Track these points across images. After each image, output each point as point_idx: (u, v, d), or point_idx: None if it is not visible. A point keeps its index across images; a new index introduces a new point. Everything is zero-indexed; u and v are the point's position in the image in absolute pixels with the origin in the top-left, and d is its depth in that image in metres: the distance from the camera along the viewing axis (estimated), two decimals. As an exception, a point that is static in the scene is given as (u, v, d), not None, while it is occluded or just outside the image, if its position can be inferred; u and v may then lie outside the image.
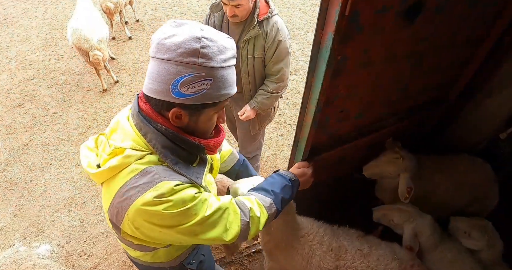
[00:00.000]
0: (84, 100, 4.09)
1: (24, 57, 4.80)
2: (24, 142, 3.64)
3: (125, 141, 0.91)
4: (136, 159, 0.89)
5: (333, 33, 0.94)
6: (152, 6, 5.80)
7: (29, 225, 2.91)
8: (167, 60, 0.81)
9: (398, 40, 1.20)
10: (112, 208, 0.92)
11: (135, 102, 0.94)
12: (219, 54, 0.83)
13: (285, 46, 1.98)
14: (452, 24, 1.32)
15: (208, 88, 0.84)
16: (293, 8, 5.72)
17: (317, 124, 1.28)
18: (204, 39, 0.81)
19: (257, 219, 1.06)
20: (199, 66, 0.81)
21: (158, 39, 0.81)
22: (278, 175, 1.28)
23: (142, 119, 0.89)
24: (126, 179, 0.88)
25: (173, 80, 0.81)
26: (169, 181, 0.88)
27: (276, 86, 2.10)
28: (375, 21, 1.06)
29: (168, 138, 0.90)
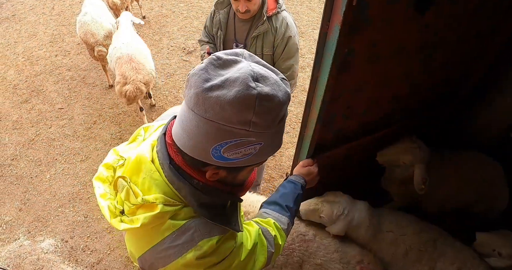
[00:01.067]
0: (90, 96, 4.10)
1: (31, 53, 4.83)
2: (30, 137, 3.66)
3: (154, 191, 0.79)
4: (171, 215, 0.79)
5: (340, 25, 0.90)
6: (159, 3, 5.78)
7: (33, 220, 2.92)
8: (208, 120, 0.65)
9: (408, 34, 1.16)
10: (143, 259, 0.84)
11: (162, 147, 0.79)
12: (271, 113, 0.67)
13: (295, 42, 1.95)
14: (464, 17, 1.27)
15: (256, 152, 0.71)
16: (300, 5, 5.67)
17: (323, 120, 1.25)
18: (258, 99, 0.63)
19: (279, 246, 1.03)
20: (249, 132, 0.66)
21: (200, 89, 0.64)
22: (289, 182, 1.25)
23: (176, 172, 0.77)
24: (162, 236, 0.80)
25: (215, 144, 0.67)
26: (210, 237, 0.80)
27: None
28: (385, 13, 1.02)
29: (206, 194, 0.79)
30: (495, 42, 1.55)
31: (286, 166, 3.30)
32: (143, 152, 0.83)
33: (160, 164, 0.79)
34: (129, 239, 0.88)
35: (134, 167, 0.82)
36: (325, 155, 1.48)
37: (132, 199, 0.80)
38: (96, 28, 3.67)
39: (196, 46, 4.75)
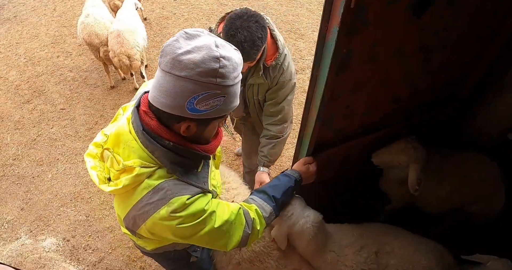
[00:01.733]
0: (92, 97, 4.13)
1: (33, 54, 4.86)
2: (32, 137, 3.69)
3: (132, 157, 0.94)
4: (147, 175, 0.94)
5: (338, 26, 0.93)
6: (160, 5, 5.82)
7: (35, 219, 2.94)
8: (184, 77, 0.81)
9: (407, 35, 1.19)
10: (128, 218, 1.00)
11: (136, 118, 0.94)
12: (233, 72, 0.86)
13: (288, 87, 1.81)
14: (463, 19, 1.29)
15: (221, 104, 0.88)
16: (300, 7, 5.70)
17: (322, 120, 1.28)
18: (222, 58, 0.82)
19: (257, 231, 1.12)
20: (215, 85, 0.83)
21: (174, 54, 0.81)
22: (284, 175, 1.32)
23: (148, 137, 0.92)
24: (140, 195, 0.95)
25: (189, 97, 0.83)
26: (181, 196, 0.94)
27: (279, 129, 1.90)
28: (383, 14, 1.04)
29: (176, 153, 0.94)
30: (495, 44, 1.57)
31: (286, 166, 3.33)
32: (121, 126, 0.98)
33: (135, 132, 0.94)
34: (117, 203, 1.04)
35: (115, 139, 0.98)
36: (324, 153, 1.50)
37: (115, 166, 0.96)
38: (100, 29, 3.71)
39: (196, 47, 4.78)
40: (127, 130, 0.96)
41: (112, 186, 0.95)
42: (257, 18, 1.48)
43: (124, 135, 0.96)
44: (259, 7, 5.61)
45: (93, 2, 3.99)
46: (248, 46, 1.45)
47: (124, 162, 0.93)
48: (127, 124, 0.97)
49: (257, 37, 1.45)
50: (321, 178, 1.57)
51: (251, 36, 1.44)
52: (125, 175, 0.93)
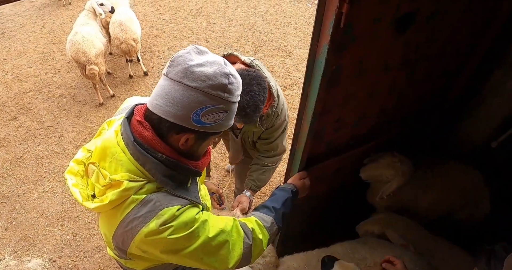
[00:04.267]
0: (80, 114, 4.10)
1: (21, 70, 4.83)
2: (18, 154, 3.62)
3: (120, 171, 0.90)
4: (135, 190, 0.89)
5: (328, 44, 0.98)
6: (149, 23, 5.91)
7: (20, 239, 2.85)
8: (194, 88, 0.83)
9: (391, 50, 1.25)
10: (116, 237, 0.94)
11: (126, 129, 0.91)
12: (237, 90, 0.91)
13: (282, 127, 1.83)
14: (443, 34, 1.36)
15: (223, 119, 0.91)
16: (287, 26, 5.88)
17: (314, 134, 1.31)
18: (230, 76, 0.87)
19: (260, 241, 1.08)
20: (222, 100, 0.87)
21: (186, 65, 0.83)
22: (279, 189, 1.33)
23: (140, 148, 0.89)
24: (127, 210, 0.89)
25: (197, 108, 0.84)
26: (170, 206, 0.90)
27: (272, 160, 1.96)
28: (369, 32, 1.10)
29: (168, 166, 0.91)
30: (474, 56, 1.65)
31: (277, 182, 3.35)
32: (107, 138, 0.95)
33: (125, 144, 0.91)
34: (102, 221, 0.98)
35: (100, 153, 0.94)
36: (316, 167, 1.53)
37: (101, 181, 0.91)
38: (87, 47, 3.76)
39: (186, 64, 4.83)
40: (114, 142, 0.93)
41: (97, 202, 0.90)
42: (259, 80, 1.46)
43: (111, 147, 0.92)
44: (247, 26, 5.76)
45: (82, 21, 4.05)
46: (251, 111, 1.43)
47: (111, 176, 0.89)
48: (115, 136, 0.94)
49: (259, 101, 1.44)
50: (314, 192, 1.59)
51: (254, 101, 1.42)
52: (112, 190, 0.89)
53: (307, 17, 6.12)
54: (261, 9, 6.37)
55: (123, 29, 4.06)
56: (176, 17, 6.07)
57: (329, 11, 0.93)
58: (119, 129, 0.95)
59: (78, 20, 4.11)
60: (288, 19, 6.07)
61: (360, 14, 1.00)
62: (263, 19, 6.01)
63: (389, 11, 1.09)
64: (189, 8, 6.35)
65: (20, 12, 6.51)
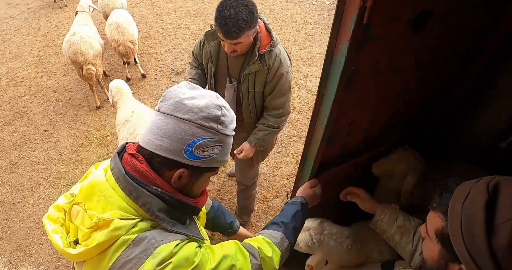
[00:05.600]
0: (77, 118, 4.01)
1: (16, 74, 4.72)
2: (13, 160, 3.51)
3: (109, 209, 0.80)
4: (127, 229, 0.78)
5: (349, 42, 0.91)
6: (146, 25, 5.82)
7: (15, 249, 2.75)
8: (187, 120, 0.81)
9: (406, 50, 1.19)
10: None
11: (117, 163, 0.84)
12: (231, 123, 0.88)
13: (287, 80, 1.86)
14: (453, 34, 1.32)
15: (218, 153, 0.86)
16: (286, 26, 5.82)
17: (327, 138, 1.24)
18: (223, 108, 0.85)
19: (269, 259, 1.00)
20: (216, 132, 0.84)
21: (178, 98, 0.82)
22: (288, 204, 1.27)
23: (132, 182, 0.81)
24: (117, 253, 0.77)
25: (189, 141, 0.81)
26: (168, 243, 0.80)
27: (278, 121, 1.98)
28: (385, 30, 1.04)
29: (164, 200, 0.83)
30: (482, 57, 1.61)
31: (280, 185, 3.27)
32: (95, 177, 0.87)
33: (115, 179, 0.83)
34: None
35: (87, 192, 0.84)
36: (329, 172, 1.46)
37: (86, 222, 0.80)
38: (85, 48, 3.74)
39: (184, 67, 4.77)
40: (103, 179, 0.84)
41: (82, 247, 0.78)
42: (247, 2, 1.59)
43: (99, 184, 0.83)
44: (246, 27, 5.69)
45: (80, 21, 4.05)
46: (230, 23, 1.55)
47: (99, 215, 0.78)
48: (104, 174, 0.86)
49: (241, 18, 1.55)
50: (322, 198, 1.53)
51: (236, 15, 1.54)
52: (99, 231, 0.77)
53: (305, 18, 6.06)
54: (259, 9, 6.26)
55: (120, 31, 4.02)
56: (173, 19, 5.99)
57: (350, 6, 0.85)
58: (108, 167, 0.87)
59: (76, 20, 4.10)
60: (286, 20, 6.01)
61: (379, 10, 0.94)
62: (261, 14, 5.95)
63: (406, 9, 1.03)
64: (186, 10, 6.27)
65: (15, 15, 6.41)
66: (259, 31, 1.78)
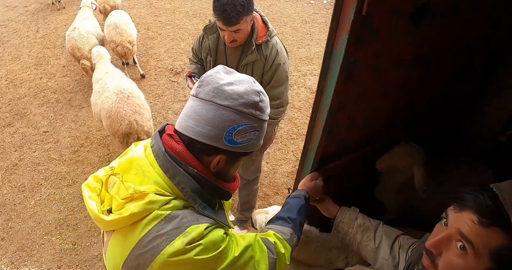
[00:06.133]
0: (77, 119, 4.01)
1: (15, 76, 4.73)
2: (13, 161, 3.52)
3: (145, 183, 0.83)
4: (161, 204, 0.81)
5: (348, 34, 0.92)
6: (145, 25, 5.84)
7: (17, 249, 2.75)
8: (226, 107, 0.81)
9: (406, 45, 1.19)
10: (130, 261, 0.82)
11: (157, 141, 0.87)
12: (267, 109, 0.89)
13: (284, 70, 1.89)
14: (454, 29, 1.32)
15: (255, 138, 0.88)
16: (284, 26, 5.83)
17: (327, 131, 1.25)
18: (261, 93, 0.86)
19: (282, 255, 1.02)
20: (254, 118, 0.85)
21: (217, 84, 0.82)
22: (291, 198, 1.26)
23: (170, 160, 0.83)
24: (149, 227, 0.80)
25: (229, 127, 0.82)
26: (198, 224, 0.82)
27: (276, 111, 2.00)
28: (386, 25, 1.04)
29: (198, 182, 0.85)
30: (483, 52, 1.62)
31: (280, 183, 3.27)
32: (135, 152, 0.90)
33: (155, 156, 0.85)
34: (115, 243, 0.85)
35: (125, 166, 0.88)
36: (328, 166, 1.46)
37: (122, 193, 0.83)
38: (82, 43, 3.98)
39: (183, 67, 4.77)
40: (142, 156, 0.87)
41: (115, 215, 0.81)
42: None
43: (138, 159, 0.87)
44: (244, 26, 5.71)
45: (82, 15, 4.36)
46: (228, 9, 1.61)
47: (135, 187, 0.82)
48: (143, 150, 0.89)
49: (239, 3, 1.62)
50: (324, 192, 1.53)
51: (233, 1, 1.61)
52: (133, 203, 0.81)
53: (303, 17, 6.08)
54: (257, 9, 6.32)
55: (118, 32, 4.08)
56: (171, 19, 6.01)
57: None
58: (148, 144, 0.90)
59: (80, 15, 4.39)
60: (284, 19, 6.02)
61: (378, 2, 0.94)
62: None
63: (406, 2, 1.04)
64: (184, 10, 6.29)
65: (14, 18, 6.42)
66: (256, 22, 1.83)
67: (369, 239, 1.30)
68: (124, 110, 2.69)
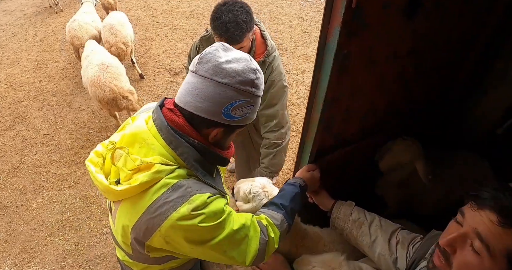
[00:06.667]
0: (77, 121, 4.03)
1: (14, 79, 4.75)
2: (15, 164, 3.53)
3: (150, 155, 0.90)
4: (167, 173, 0.89)
5: (340, 27, 0.93)
6: (143, 27, 5.85)
7: (20, 251, 2.77)
8: (225, 84, 0.87)
9: (399, 38, 1.20)
10: (139, 225, 0.90)
11: (159, 115, 0.93)
12: (262, 84, 0.95)
13: (280, 86, 1.79)
14: (448, 22, 1.33)
15: (250, 112, 0.95)
16: (282, 24, 5.84)
17: (323, 124, 1.26)
18: (257, 71, 0.91)
19: (272, 239, 1.06)
20: (250, 94, 0.91)
21: (216, 62, 0.87)
22: (287, 184, 1.29)
23: (173, 132, 0.90)
24: (157, 194, 0.88)
25: (227, 103, 0.88)
26: (202, 193, 0.90)
27: (277, 135, 1.87)
28: (378, 18, 1.05)
29: (199, 152, 0.93)
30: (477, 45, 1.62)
31: (281, 180, 3.29)
32: (137, 126, 0.96)
33: (158, 129, 0.92)
34: (124, 211, 0.93)
35: (129, 139, 0.94)
36: (324, 159, 1.47)
37: (129, 165, 0.89)
38: (81, 33, 4.30)
39: (182, 67, 4.79)
40: (145, 129, 0.94)
41: (125, 185, 0.88)
42: (242, 4, 1.57)
43: (142, 133, 0.93)
44: (242, 26, 5.72)
45: (85, 9, 4.70)
46: (232, 27, 1.51)
47: (142, 158, 0.89)
48: (145, 124, 0.96)
49: (241, 20, 1.53)
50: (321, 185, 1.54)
51: (235, 18, 1.51)
52: (140, 173, 0.88)
53: (301, 15, 6.09)
54: (254, 8, 6.32)
55: (113, 33, 4.18)
56: (169, 20, 6.02)
57: (340, -9, 0.87)
58: (150, 118, 0.96)
59: (82, 8, 4.70)
60: (282, 17, 6.03)
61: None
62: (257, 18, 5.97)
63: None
64: (182, 11, 6.30)
65: (12, 22, 6.44)
66: (254, 37, 1.74)
67: (364, 234, 1.29)
68: (104, 78, 3.19)
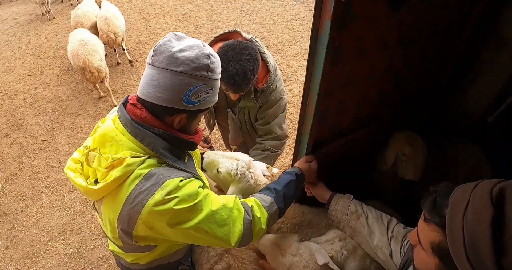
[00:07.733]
0: (74, 126, 4.04)
1: (9, 87, 4.75)
2: (13, 171, 3.54)
3: (120, 151, 0.95)
4: (138, 164, 0.94)
5: (330, 20, 0.97)
6: (136, 31, 5.87)
7: (22, 257, 2.77)
8: (181, 72, 0.91)
9: (387, 29, 1.24)
10: (122, 216, 0.96)
11: (123, 112, 0.98)
12: (218, 68, 0.99)
13: (279, 105, 1.80)
14: (433, 12, 1.37)
15: (210, 96, 1.00)
16: (274, 24, 5.89)
17: (319, 116, 1.29)
18: (211, 56, 0.95)
19: (258, 219, 1.10)
20: (207, 78, 0.95)
21: (170, 52, 0.90)
22: (284, 173, 1.33)
23: (137, 126, 0.95)
24: (132, 186, 0.93)
25: (186, 90, 0.92)
26: (173, 178, 0.94)
27: (274, 144, 1.87)
28: (366, 10, 1.09)
29: (166, 139, 0.98)
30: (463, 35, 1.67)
31: (279, 178, 3.31)
32: (105, 127, 1.00)
33: (123, 125, 0.96)
34: (106, 206, 0.99)
35: (100, 140, 0.99)
36: (321, 151, 1.51)
37: (103, 163, 0.95)
38: (84, 20, 4.84)
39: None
40: (113, 127, 0.98)
41: (102, 182, 0.94)
42: (249, 50, 1.48)
43: (110, 132, 0.97)
44: (234, 27, 5.70)
45: (87, 1, 5.28)
46: (239, 80, 1.45)
47: (113, 156, 0.93)
48: (112, 123, 1.00)
49: (248, 70, 1.46)
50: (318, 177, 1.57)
51: (243, 69, 1.44)
52: (114, 169, 0.93)
53: (292, 14, 6.14)
54: (246, 9, 6.38)
55: (107, 23, 4.67)
56: (162, 24, 6.05)
57: (329, -15, 0.91)
58: (116, 117, 1.00)
59: (84, 0, 5.28)
60: (274, 18, 6.08)
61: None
62: (250, 19, 6.02)
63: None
64: (175, 14, 6.33)
65: (4, 30, 6.44)
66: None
67: (361, 226, 1.32)
68: (81, 52, 3.92)
